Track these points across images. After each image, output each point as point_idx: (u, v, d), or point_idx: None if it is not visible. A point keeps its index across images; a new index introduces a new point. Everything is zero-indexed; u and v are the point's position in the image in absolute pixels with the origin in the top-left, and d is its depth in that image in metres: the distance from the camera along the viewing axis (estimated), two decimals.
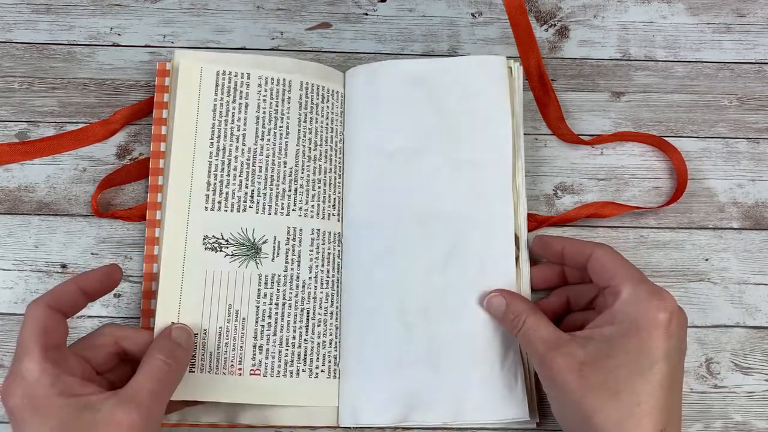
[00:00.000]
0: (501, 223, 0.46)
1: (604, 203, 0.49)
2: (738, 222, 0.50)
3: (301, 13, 0.54)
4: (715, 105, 0.52)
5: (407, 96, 0.48)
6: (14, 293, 0.47)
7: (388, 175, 0.47)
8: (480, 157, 0.47)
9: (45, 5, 0.53)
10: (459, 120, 0.48)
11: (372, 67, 0.49)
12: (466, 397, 0.43)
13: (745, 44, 0.54)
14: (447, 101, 0.48)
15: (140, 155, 0.50)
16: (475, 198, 0.47)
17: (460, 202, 0.47)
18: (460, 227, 0.46)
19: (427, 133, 0.48)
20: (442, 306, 0.45)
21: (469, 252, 0.46)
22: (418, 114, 0.48)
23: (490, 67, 0.49)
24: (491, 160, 0.47)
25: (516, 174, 0.47)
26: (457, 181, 0.47)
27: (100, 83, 0.51)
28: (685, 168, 0.49)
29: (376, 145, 0.48)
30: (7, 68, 0.51)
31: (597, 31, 0.54)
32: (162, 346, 0.39)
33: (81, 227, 0.48)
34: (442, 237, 0.46)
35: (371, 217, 0.47)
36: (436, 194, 0.47)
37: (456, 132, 0.48)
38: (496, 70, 0.49)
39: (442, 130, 0.48)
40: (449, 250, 0.46)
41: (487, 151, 0.47)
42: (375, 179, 0.47)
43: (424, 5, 0.54)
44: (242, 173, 0.46)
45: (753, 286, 0.48)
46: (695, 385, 0.46)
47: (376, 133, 0.48)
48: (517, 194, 0.47)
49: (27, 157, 0.49)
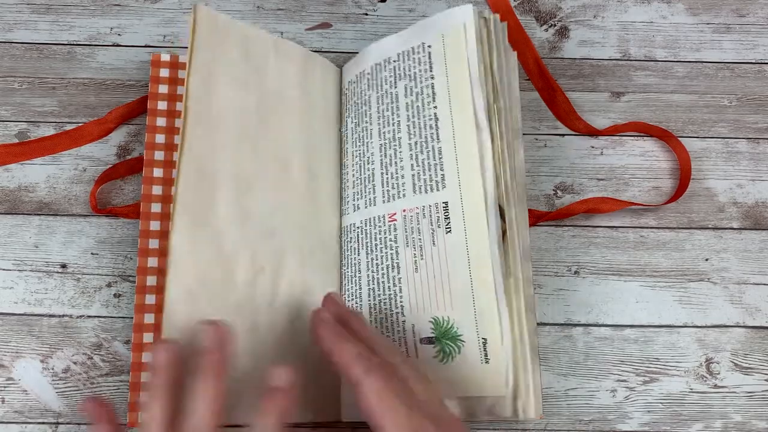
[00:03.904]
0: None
1: (603, 198, 0.49)
2: (738, 222, 0.50)
3: (301, 13, 0.54)
4: (715, 105, 0.52)
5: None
6: (14, 293, 0.47)
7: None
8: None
9: (45, 5, 0.53)
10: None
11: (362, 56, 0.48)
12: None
13: (745, 44, 0.54)
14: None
15: (140, 155, 0.50)
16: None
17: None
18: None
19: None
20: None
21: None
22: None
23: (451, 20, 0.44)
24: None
25: (500, 137, 0.42)
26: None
27: (100, 83, 0.51)
28: (690, 166, 0.49)
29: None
30: (7, 68, 0.51)
31: (597, 31, 0.54)
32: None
33: (81, 227, 0.48)
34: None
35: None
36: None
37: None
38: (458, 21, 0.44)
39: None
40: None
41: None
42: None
43: (424, 5, 0.54)
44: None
45: (753, 286, 0.48)
46: (695, 385, 0.46)
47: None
48: (501, 160, 0.42)
49: (23, 157, 0.49)
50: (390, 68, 0.46)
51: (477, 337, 0.40)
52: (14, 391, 0.45)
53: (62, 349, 0.46)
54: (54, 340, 0.46)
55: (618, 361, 0.47)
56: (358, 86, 0.48)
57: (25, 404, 0.45)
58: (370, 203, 0.45)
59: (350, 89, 0.48)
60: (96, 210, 0.48)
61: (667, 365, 0.47)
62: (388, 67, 0.46)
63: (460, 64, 0.43)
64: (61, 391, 0.45)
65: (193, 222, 0.40)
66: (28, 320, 0.46)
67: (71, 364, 0.46)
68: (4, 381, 0.45)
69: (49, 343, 0.46)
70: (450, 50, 0.43)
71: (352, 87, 0.48)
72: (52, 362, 0.46)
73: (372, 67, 0.47)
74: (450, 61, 0.43)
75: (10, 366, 0.46)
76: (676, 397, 0.46)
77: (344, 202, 0.47)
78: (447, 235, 0.42)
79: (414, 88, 0.45)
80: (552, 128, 0.51)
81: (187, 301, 0.39)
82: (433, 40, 0.44)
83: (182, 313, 0.39)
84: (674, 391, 0.46)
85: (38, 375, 0.45)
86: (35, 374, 0.45)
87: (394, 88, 0.45)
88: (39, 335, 0.46)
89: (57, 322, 0.46)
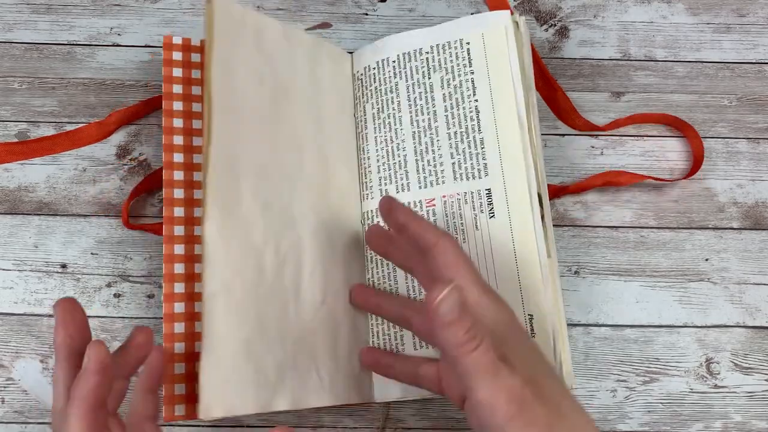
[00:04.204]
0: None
1: (619, 172, 0.49)
2: (738, 222, 0.50)
3: (301, 13, 0.54)
4: (715, 105, 0.52)
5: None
6: (14, 293, 0.47)
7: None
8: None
9: (45, 5, 0.53)
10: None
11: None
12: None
13: (745, 44, 0.54)
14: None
15: (140, 155, 0.50)
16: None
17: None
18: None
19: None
20: None
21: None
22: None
23: (490, 24, 0.47)
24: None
25: (533, 130, 0.45)
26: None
27: (100, 83, 0.51)
28: (701, 143, 0.50)
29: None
30: (7, 68, 0.51)
31: (597, 31, 0.54)
32: None
33: (81, 227, 0.48)
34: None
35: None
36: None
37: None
38: (499, 26, 0.47)
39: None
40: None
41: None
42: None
43: (424, 5, 0.54)
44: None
45: (753, 286, 0.48)
46: (695, 385, 0.46)
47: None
48: (535, 151, 0.45)
49: (22, 157, 0.49)
50: (422, 59, 0.48)
51: (523, 312, 0.42)
52: (14, 391, 0.45)
53: None
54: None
55: (618, 361, 0.47)
56: (381, 73, 0.48)
57: (25, 404, 0.45)
58: (403, 188, 0.47)
59: (368, 75, 0.49)
60: (128, 225, 0.48)
61: (667, 365, 0.47)
62: (419, 58, 0.48)
63: (502, 63, 0.46)
64: None
65: (223, 211, 0.40)
66: (28, 320, 0.46)
67: None
68: (4, 381, 0.45)
69: (49, 343, 0.46)
70: (491, 49, 0.46)
71: (372, 73, 0.49)
72: (52, 362, 0.46)
73: (399, 57, 0.48)
74: (491, 58, 0.46)
75: (10, 366, 0.46)
76: (676, 397, 0.46)
77: (365, 186, 0.48)
78: (491, 219, 0.44)
79: (452, 80, 0.47)
80: (552, 128, 0.51)
81: (224, 294, 0.39)
82: (472, 38, 0.47)
83: (221, 305, 0.39)
84: (674, 391, 0.46)
85: (38, 375, 0.45)
86: (35, 374, 0.45)
87: (428, 79, 0.47)
88: (39, 335, 0.46)
89: None
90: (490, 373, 0.32)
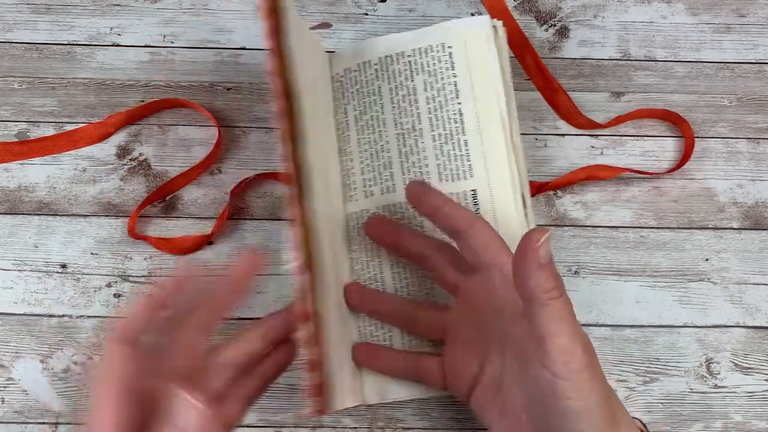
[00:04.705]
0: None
1: (600, 166, 0.50)
2: (738, 222, 0.50)
3: (301, 13, 0.54)
4: (715, 105, 0.52)
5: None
6: (14, 293, 0.47)
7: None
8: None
9: (45, 5, 0.53)
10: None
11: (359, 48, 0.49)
12: None
13: (745, 44, 0.54)
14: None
15: (140, 155, 0.50)
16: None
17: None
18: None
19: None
20: None
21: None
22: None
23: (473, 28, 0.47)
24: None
25: (513, 132, 0.46)
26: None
27: (100, 83, 0.51)
28: (693, 139, 0.50)
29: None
30: (7, 68, 0.51)
31: (597, 31, 0.54)
32: None
33: (81, 227, 0.48)
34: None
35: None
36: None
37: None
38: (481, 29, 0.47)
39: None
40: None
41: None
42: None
43: (424, 5, 0.54)
44: None
45: (753, 286, 0.48)
46: (695, 385, 0.46)
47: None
48: (517, 152, 0.45)
49: (21, 157, 0.49)
50: (404, 62, 0.48)
51: None
52: (14, 391, 0.45)
53: (62, 350, 0.46)
54: (54, 341, 0.46)
55: (618, 361, 0.47)
56: (362, 75, 0.48)
57: (25, 404, 0.45)
58: (389, 190, 0.46)
59: (348, 78, 0.49)
60: (133, 235, 0.48)
61: (667, 365, 0.47)
62: (401, 61, 0.48)
63: (485, 68, 0.46)
64: (61, 391, 0.45)
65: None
66: (28, 320, 0.46)
67: (71, 364, 0.46)
68: (4, 381, 0.45)
69: (48, 343, 0.46)
70: (473, 54, 0.47)
71: (353, 75, 0.49)
72: (52, 362, 0.46)
73: (381, 59, 0.48)
74: (473, 63, 0.46)
75: (10, 366, 0.46)
76: (676, 397, 0.46)
77: (349, 188, 0.47)
78: None
79: (435, 83, 0.47)
80: (552, 128, 0.51)
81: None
82: (454, 42, 0.47)
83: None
84: (674, 391, 0.46)
85: (38, 375, 0.45)
86: (35, 374, 0.45)
87: (411, 81, 0.47)
88: (39, 335, 0.46)
89: (57, 322, 0.46)
90: (572, 321, 0.33)
